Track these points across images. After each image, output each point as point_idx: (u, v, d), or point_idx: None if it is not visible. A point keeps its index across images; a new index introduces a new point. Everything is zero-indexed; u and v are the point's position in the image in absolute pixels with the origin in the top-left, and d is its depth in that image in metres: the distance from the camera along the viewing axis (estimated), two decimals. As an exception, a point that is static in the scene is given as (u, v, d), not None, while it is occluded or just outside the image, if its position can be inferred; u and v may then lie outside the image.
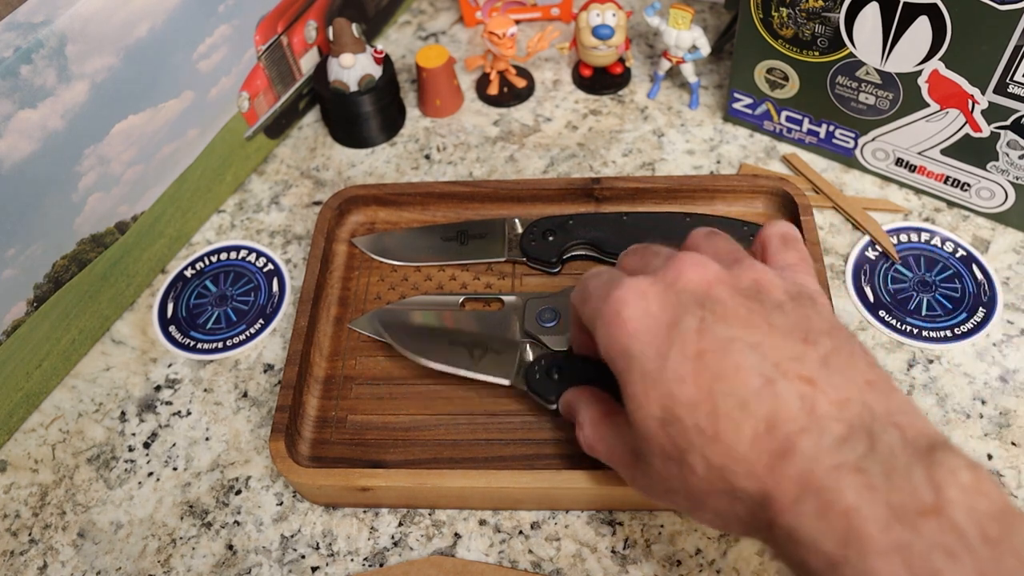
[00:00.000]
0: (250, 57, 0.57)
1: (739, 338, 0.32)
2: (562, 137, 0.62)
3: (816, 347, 0.31)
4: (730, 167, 0.59)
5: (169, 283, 0.56)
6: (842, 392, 0.30)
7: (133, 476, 0.48)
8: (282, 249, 0.57)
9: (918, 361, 0.48)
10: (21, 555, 0.46)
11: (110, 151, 0.49)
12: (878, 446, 0.28)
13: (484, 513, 0.45)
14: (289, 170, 0.62)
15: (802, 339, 0.32)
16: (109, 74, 0.47)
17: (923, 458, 0.27)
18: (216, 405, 0.50)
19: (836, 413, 0.29)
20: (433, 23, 0.72)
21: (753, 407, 0.30)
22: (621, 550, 0.43)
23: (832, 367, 0.31)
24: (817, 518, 0.28)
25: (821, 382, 0.30)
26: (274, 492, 0.47)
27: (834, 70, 0.52)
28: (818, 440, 0.29)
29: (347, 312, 0.52)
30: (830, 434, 0.29)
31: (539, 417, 0.46)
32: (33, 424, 0.51)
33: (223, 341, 0.53)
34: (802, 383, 0.30)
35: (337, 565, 0.44)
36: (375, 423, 0.47)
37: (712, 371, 0.31)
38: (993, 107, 0.48)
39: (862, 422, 0.29)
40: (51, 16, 0.43)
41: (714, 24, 0.68)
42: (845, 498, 0.27)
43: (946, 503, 0.26)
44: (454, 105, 0.64)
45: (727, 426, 0.30)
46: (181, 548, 0.45)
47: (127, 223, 0.53)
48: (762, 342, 0.31)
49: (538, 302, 0.49)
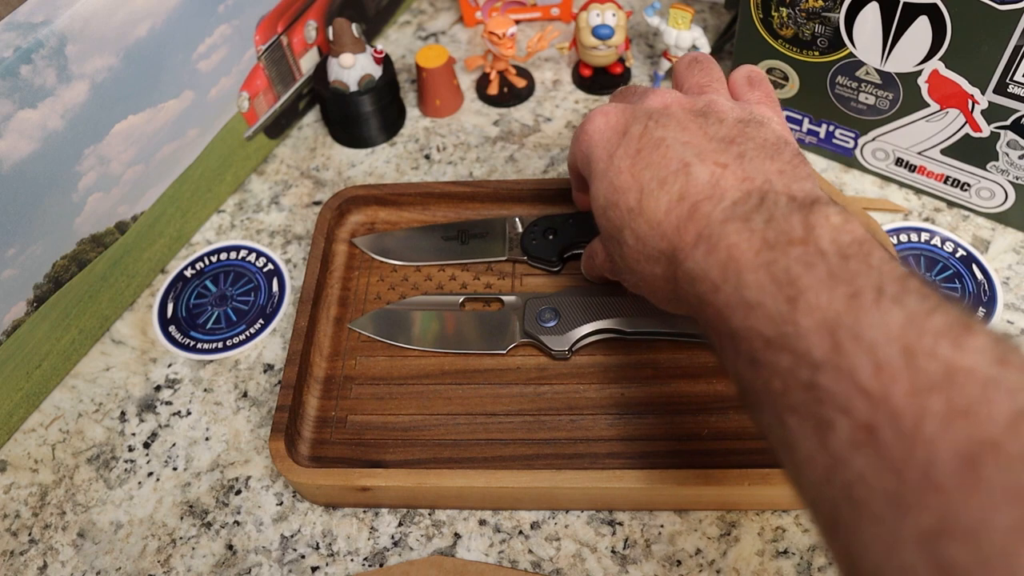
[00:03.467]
0: (250, 57, 0.57)
1: (672, 137, 0.38)
2: (562, 137, 0.62)
3: (739, 147, 0.37)
4: (730, 167, 0.58)
5: (169, 283, 0.56)
6: (749, 173, 0.35)
7: (133, 476, 0.48)
8: (282, 249, 0.57)
9: (918, 361, 0.48)
10: (21, 555, 0.46)
11: (110, 151, 0.49)
12: (766, 203, 0.33)
13: (484, 513, 0.45)
14: (289, 170, 0.62)
15: (729, 141, 0.37)
16: (109, 74, 0.47)
17: (803, 208, 0.32)
18: (216, 405, 0.50)
19: (737, 186, 0.35)
20: (433, 23, 0.72)
21: (669, 183, 0.36)
22: (621, 550, 0.43)
23: (747, 158, 0.36)
24: (706, 255, 0.33)
25: (732, 166, 0.36)
26: (274, 492, 0.47)
27: (834, 70, 0.52)
28: (716, 204, 0.34)
29: (347, 312, 0.52)
30: (728, 199, 0.34)
31: (539, 417, 0.47)
32: (33, 424, 0.51)
33: (223, 341, 0.53)
34: (715, 166, 0.36)
35: (337, 565, 0.44)
36: (375, 423, 0.47)
37: (644, 162, 0.37)
38: (993, 107, 0.48)
39: (759, 191, 0.34)
40: (51, 16, 0.43)
41: (714, 24, 0.68)
42: (728, 238, 0.32)
43: (812, 235, 0.30)
44: (454, 105, 0.64)
45: (648, 202, 0.36)
46: (181, 548, 0.45)
47: (127, 223, 0.53)
48: (691, 141, 0.37)
49: (538, 302, 0.49)
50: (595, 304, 0.49)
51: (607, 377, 0.48)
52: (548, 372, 0.48)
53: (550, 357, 0.49)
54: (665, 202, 0.36)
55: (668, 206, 0.36)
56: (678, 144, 0.37)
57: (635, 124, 0.39)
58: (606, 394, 0.47)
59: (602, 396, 0.47)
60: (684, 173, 0.36)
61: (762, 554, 0.43)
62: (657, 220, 0.36)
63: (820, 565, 0.42)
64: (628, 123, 0.40)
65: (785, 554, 0.43)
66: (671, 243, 0.35)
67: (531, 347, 0.49)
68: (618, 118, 0.40)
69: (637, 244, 0.37)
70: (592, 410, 0.47)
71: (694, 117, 0.39)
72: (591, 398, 0.47)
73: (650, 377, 0.48)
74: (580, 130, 0.42)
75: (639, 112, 0.40)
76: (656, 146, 0.37)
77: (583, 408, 0.47)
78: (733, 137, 0.37)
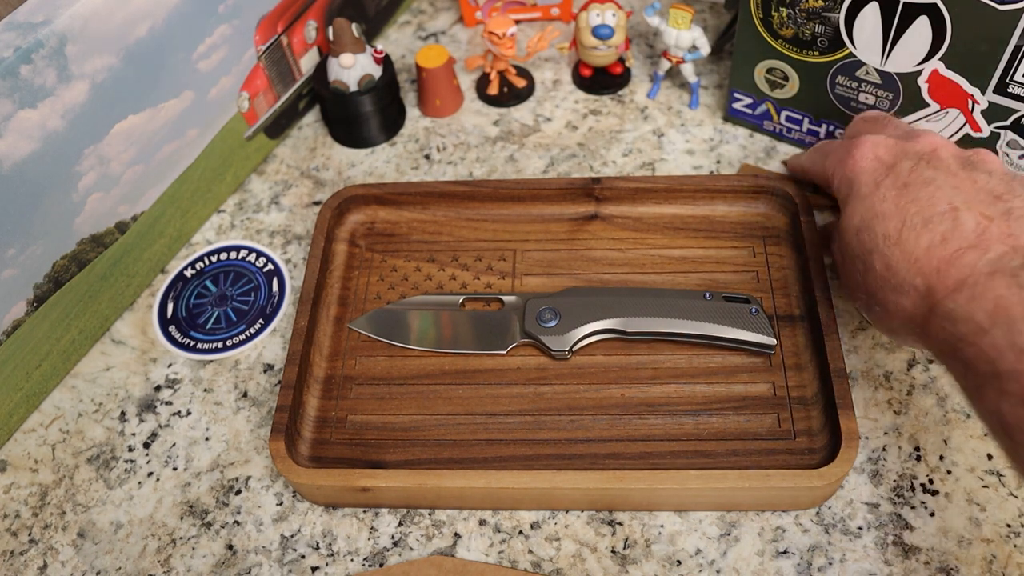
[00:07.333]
0: (250, 57, 0.57)
1: (942, 180, 0.40)
2: (562, 137, 0.62)
3: (1006, 203, 0.38)
4: (730, 167, 0.59)
5: (169, 283, 0.56)
6: (1014, 231, 0.37)
7: (133, 476, 0.48)
8: (282, 249, 0.57)
9: (918, 361, 0.48)
10: (21, 555, 0.46)
11: (110, 151, 0.49)
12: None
13: (484, 513, 0.45)
14: (289, 170, 0.62)
15: (996, 196, 0.39)
16: (109, 74, 0.47)
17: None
18: (216, 405, 0.50)
19: (1002, 240, 0.37)
20: (433, 23, 0.72)
21: (934, 224, 0.38)
22: (621, 550, 0.43)
23: (1013, 217, 0.38)
24: (969, 301, 0.35)
25: (997, 220, 0.38)
26: (274, 492, 0.47)
27: (834, 70, 0.52)
28: (981, 255, 0.37)
29: (347, 312, 0.52)
30: (992, 252, 0.36)
31: (539, 417, 0.47)
32: (33, 424, 0.51)
33: (223, 341, 0.53)
34: (982, 218, 0.38)
35: (337, 565, 0.44)
36: (375, 423, 0.47)
37: (910, 196, 0.40)
38: (993, 107, 0.48)
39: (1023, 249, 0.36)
40: (51, 16, 0.43)
41: (714, 24, 0.68)
42: (996, 290, 0.35)
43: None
44: (454, 105, 0.64)
45: (909, 236, 0.39)
46: (181, 548, 0.45)
47: (127, 223, 0.53)
48: (960, 187, 0.39)
49: (538, 302, 0.49)
50: (595, 304, 0.49)
51: (607, 377, 0.48)
52: (548, 372, 0.48)
53: (550, 357, 0.49)
54: (927, 240, 0.38)
55: (930, 244, 0.38)
56: (948, 187, 0.39)
57: (905, 160, 0.41)
58: (606, 394, 0.47)
59: (602, 396, 0.47)
60: (952, 217, 0.38)
61: (762, 554, 0.43)
62: (915, 256, 0.38)
63: (820, 565, 0.42)
64: (898, 159, 0.42)
65: (785, 554, 0.43)
66: (927, 281, 0.38)
67: (531, 347, 0.49)
68: (888, 152, 0.42)
69: (886, 272, 0.39)
70: (592, 410, 0.47)
71: (963, 166, 0.41)
72: (591, 398, 0.47)
73: (650, 377, 0.48)
74: (848, 154, 0.44)
75: (909, 151, 0.42)
76: (925, 184, 0.40)
77: (583, 408, 0.47)
78: (1001, 193, 0.39)
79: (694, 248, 0.53)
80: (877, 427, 0.46)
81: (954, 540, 0.42)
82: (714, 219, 0.54)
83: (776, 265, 0.51)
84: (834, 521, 0.43)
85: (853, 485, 0.44)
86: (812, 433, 0.45)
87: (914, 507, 0.44)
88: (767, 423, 0.45)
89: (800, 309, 0.49)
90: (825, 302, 0.47)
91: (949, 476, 0.44)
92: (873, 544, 0.43)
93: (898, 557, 0.42)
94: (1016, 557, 0.42)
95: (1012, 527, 0.42)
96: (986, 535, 0.42)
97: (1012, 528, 0.42)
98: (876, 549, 0.42)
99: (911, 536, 0.43)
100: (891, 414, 0.47)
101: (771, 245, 0.52)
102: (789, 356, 0.48)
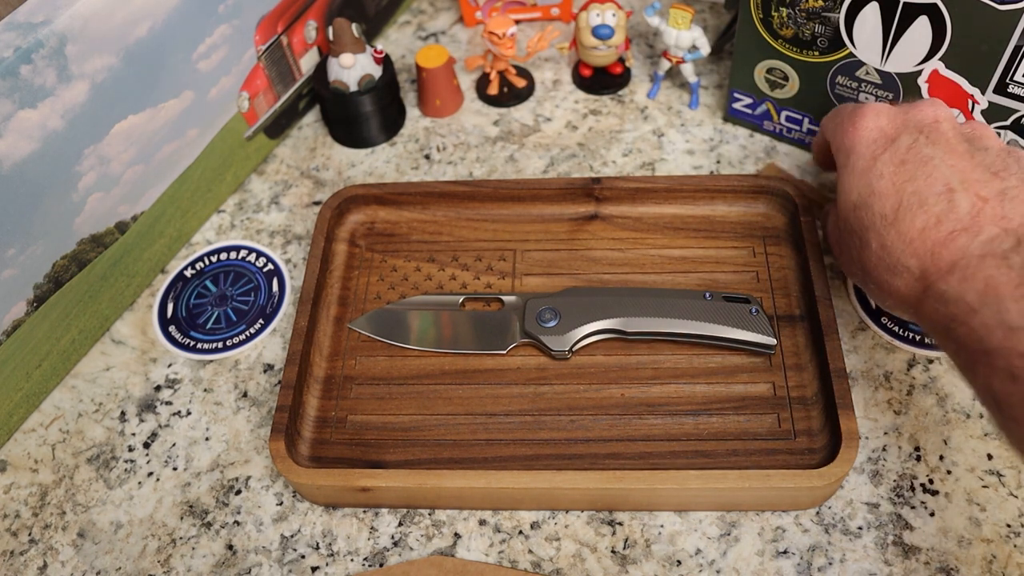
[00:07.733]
0: (250, 57, 0.57)
1: (940, 158, 0.40)
2: (562, 137, 0.62)
3: (1002, 182, 0.39)
4: (730, 167, 0.59)
5: (169, 283, 0.56)
6: (1007, 213, 0.38)
7: (133, 476, 0.48)
8: (282, 249, 0.57)
9: (918, 361, 0.48)
10: (21, 555, 0.46)
11: (110, 151, 0.49)
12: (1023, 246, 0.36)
13: (484, 513, 0.45)
14: (289, 170, 0.62)
15: (993, 173, 0.39)
16: (109, 74, 0.47)
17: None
18: (216, 405, 0.50)
19: (994, 223, 0.37)
20: (433, 23, 0.72)
21: (930, 206, 0.38)
22: (621, 550, 0.43)
23: (1008, 197, 0.38)
24: (961, 282, 0.36)
25: (993, 202, 0.38)
26: (274, 492, 0.47)
27: (834, 70, 0.52)
28: (974, 238, 0.37)
29: (347, 312, 0.52)
30: (984, 235, 0.37)
31: (539, 417, 0.47)
32: (33, 424, 0.51)
33: (223, 341, 0.53)
34: (977, 199, 0.38)
35: (337, 565, 0.44)
36: (375, 423, 0.47)
37: (908, 175, 0.40)
38: (993, 107, 0.48)
39: (1015, 233, 0.37)
40: (51, 16, 0.43)
41: (714, 24, 0.68)
42: (985, 271, 0.35)
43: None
44: (454, 105, 0.64)
45: (905, 216, 0.39)
46: (181, 548, 0.45)
47: (127, 223, 0.53)
48: (957, 165, 0.39)
49: (538, 302, 0.49)
50: (595, 304, 0.49)
51: (607, 377, 0.48)
52: (548, 372, 0.48)
53: (550, 357, 0.49)
54: (922, 221, 0.39)
55: (924, 226, 0.38)
56: (945, 167, 0.39)
57: (905, 135, 0.41)
58: (606, 394, 0.47)
59: (602, 396, 0.47)
60: (947, 199, 0.38)
61: (762, 554, 0.43)
62: (910, 237, 0.39)
63: (820, 565, 0.42)
64: (899, 132, 0.42)
65: (785, 554, 0.43)
66: (921, 263, 0.38)
67: (531, 347, 0.49)
68: (890, 123, 0.42)
69: (881, 252, 0.40)
70: (592, 410, 0.47)
71: (962, 140, 0.41)
72: (591, 398, 0.47)
73: (650, 377, 0.48)
74: (849, 121, 0.44)
75: (910, 122, 0.42)
76: (923, 163, 0.40)
77: (583, 408, 0.47)
78: (998, 170, 0.39)
79: (694, 248, 0.53)
80: (877, 427, 0.46)
81: (954, 540, 0.42)
82: (714, 219, 0.54)
83: (776, 265, 0.51)
84: (834, 521, 0.43)
85: (853, 485, 0.44)
86: (812, 433, 0.45)
87: (914, 507, 0.44)
88: (767, 423, 0.45)
89: (800, 309, 0.49)
90: (825, 302, 0.47)
91: (949, 476, 0.44)
92: (873, 544, 0.43)
93: (898, 557, 0.42)
94: (1016, 557, 0.42)
95: (1012, 527, 0.42)
96: (986, 535, 0.42)
97: (1012, 528, 0.42)
98: (876, 549, 0.42)
99: (911, 536, 0.43)
100: (891, 414, 0.47)
101: (771, 245, 0.52)
102: (789, 356, 0.48)
